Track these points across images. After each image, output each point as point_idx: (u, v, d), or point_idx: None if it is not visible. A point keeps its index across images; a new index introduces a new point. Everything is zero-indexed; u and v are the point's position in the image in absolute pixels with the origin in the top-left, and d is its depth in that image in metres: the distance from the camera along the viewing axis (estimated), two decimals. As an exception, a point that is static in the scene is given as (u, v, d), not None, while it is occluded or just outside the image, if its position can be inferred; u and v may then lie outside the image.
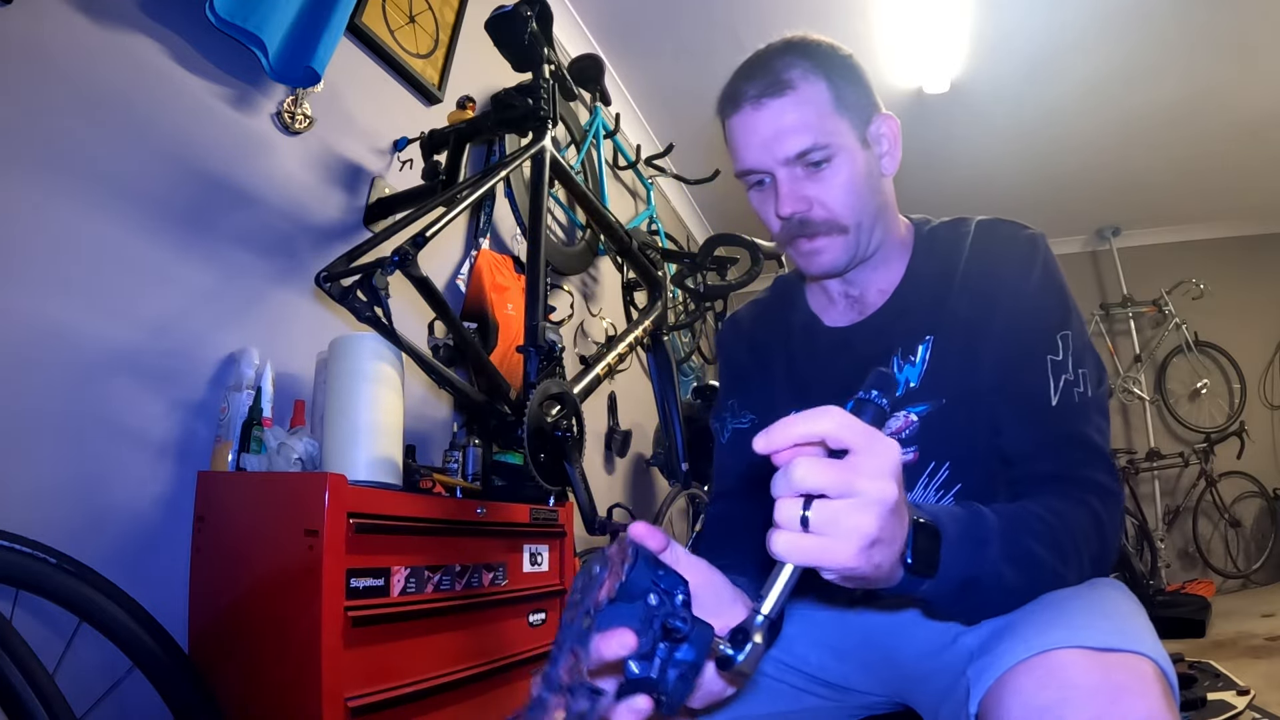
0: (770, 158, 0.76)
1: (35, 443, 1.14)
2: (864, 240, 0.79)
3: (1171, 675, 0.55)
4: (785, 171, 0.76)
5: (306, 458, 1.31)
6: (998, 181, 4.19)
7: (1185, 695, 1.98)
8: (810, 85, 0.75)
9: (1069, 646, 0.54)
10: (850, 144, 0.76)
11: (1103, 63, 3.17)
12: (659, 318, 1.99)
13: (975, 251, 0.79)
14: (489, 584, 1.46)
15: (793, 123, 0.75)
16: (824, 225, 0.77)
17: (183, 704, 1.12)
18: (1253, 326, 4.77)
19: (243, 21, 1.40)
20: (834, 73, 0.77)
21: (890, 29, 2.94)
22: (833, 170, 0.76)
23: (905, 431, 0.78)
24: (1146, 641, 0.56)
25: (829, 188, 0.76)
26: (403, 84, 1.99)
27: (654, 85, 3.34)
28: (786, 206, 0.76)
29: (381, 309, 1.23)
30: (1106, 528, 0.67)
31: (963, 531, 0.57)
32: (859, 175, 0.77)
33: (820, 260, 0.79)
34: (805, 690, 0.82)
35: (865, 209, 0.78)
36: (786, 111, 0.75)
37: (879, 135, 0.80)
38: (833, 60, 0.78)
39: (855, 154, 0.77)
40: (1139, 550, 4.27)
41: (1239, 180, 4.29)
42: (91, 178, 1.24)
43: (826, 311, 0.89)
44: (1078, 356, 0.73)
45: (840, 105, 0.76)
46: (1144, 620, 0.63)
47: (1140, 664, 0.53)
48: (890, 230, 0.82)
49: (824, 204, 0.77)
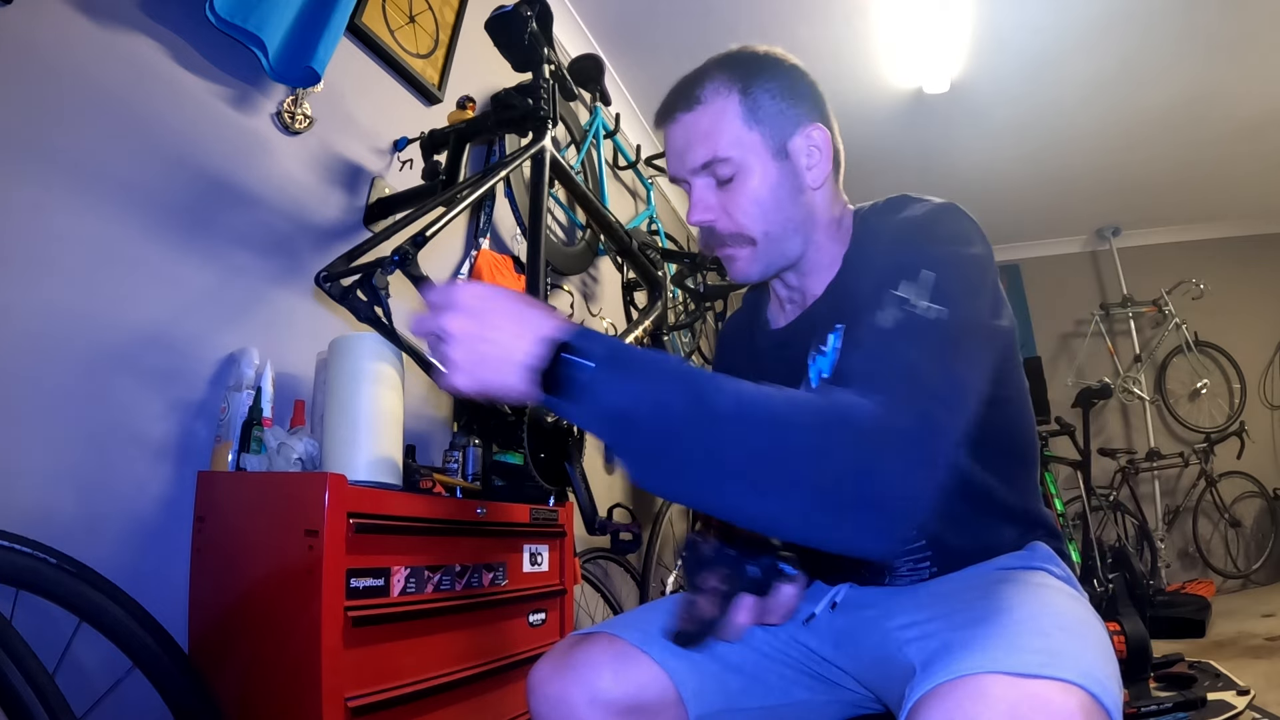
0: (682, 168, 0.80)
1: (35, 442, 1.14)
2: (775, 251, 0.81)
3: (1107, 700, 0.51)
4: (698, 181, 0.80)
5: (306, 458, 1.31)
6: (998, 181, 4.19)
7: (1185, 695, 1.98)
8: (720, 99, 0.78)
9: (989, 672, 0.52)
10: (760, 156, 0.78)
11: (1103, 63, 3.18)
12: (659, 318, 1.99)
13: (884, 231, 0.77)
14: (489, 584, 1.46)
15: (696, 136, 0.78)
16: (730, 237, 0.80)
17: (183, 704, 1.12)
18: (1253, 326, 4.77)
19: (243, 21, 1.40)
20: (753, 86, 0.78)
21: (890, 29, 2.94)
22: (739, 183, 0.78)
23: None
24: (1082, 665, 0.52)
25: (735, 199, 0.79)
26: (403, 84, 1.99)
27: (654, 85, 3.34)
28: (692, 215, 0.81)
29: (381, 309, 1.23)
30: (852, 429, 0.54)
31: (616, 360, 0.56)
32: (768, 187, 0.78)
33: (734, 268, 0.83)
34: (794, 682, 0.83)
35: (774, 221, 0.79)
36: (692, 125, 0.78)
37: (802, 148, 0.80)
38: (756, 73, 0.79)
39: (766, 167, 0.78)
40: (1139, 550, 4.27)
41: (1239, 180, 4.29)
42: (91, 178, 1.24)
43: (777, 316, 0.91)
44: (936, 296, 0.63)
45: (752, 119, 0.77)
46: (1092, 637, 0.59)
47: (1061, 693, 0.50)
48: (819, 235, 0.82)
49: (730, 215, 0.79)
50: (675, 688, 0.78)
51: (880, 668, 0.74)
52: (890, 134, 3.58)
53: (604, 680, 0.76)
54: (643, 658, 0.78)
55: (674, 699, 0.78)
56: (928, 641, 0.63)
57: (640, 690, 0.77)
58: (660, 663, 0.78)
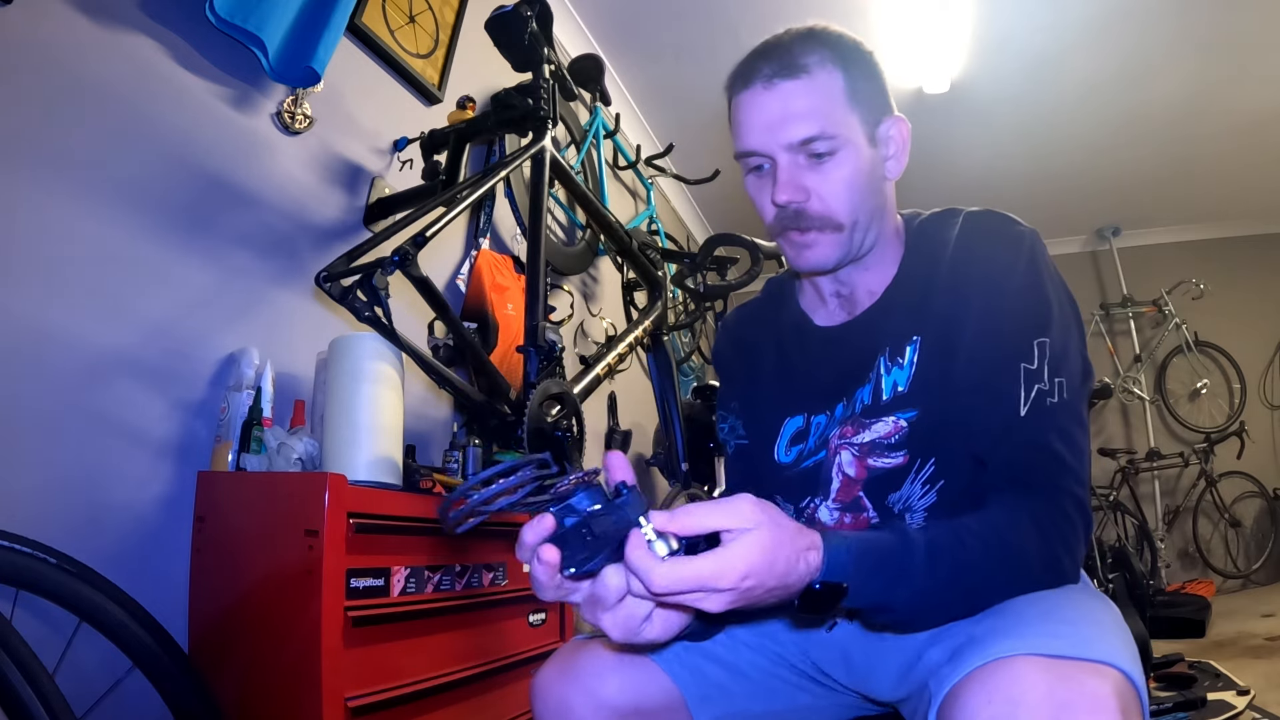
0: (774, 141, 0.74)
1: (35, 442, 1.14)
2: (857, 240, 0.77)
3: (1139, 682, 0.53)
4: (787, 157, 0.74)
5: (306, 458, 1.31)
6: (998, 181, 4.18)
7: (1185, 695, 1.98)
8: (826, 73, 0.73)
9: (1024, 654, 0.53)
10: (857, 139, 0.74)
11: (1103, 62, 3.17)
12: (659, 318, 1.99)
13: (960, 246, 0.77)
14: (489, 584, 1.46)
15: (802, 108, 0.72)
16: (818, 220, 0.75)
17: (183, 704, 1.12)
18: (1253, 326, 4.77)
19: (243, 21, 1.40)
20: (851, 65, 0.75)
21: (890, 29, 2.94)
22: (835, 163, 0.74)
23: (894, 437, 0.77)
24: (1110, 648, 0.54)
25: (829, 181, 0.74)
26: (403, 84, 1.99)
27: (654, 85, 3.34)
28: (783, 194, 0.74)
29: (381, 309, 1.23)
30: (1053, 532, 0.66)
31: (870, 574, 0.60)
32: (862, 172, 0.75)
33: (810, 255, 0.78)
34: (798, 687, 0.82)
35: (863, 208, 0.76)
36: (798, 95, 0.73)
37: (888, 136, 0.78)
38: (853, 53, 0.76)
39: (861, 150, 0.75)
40: (1139, 550, 4.27)
41: (1239, 180, 4.29)
42: (91, 178, 1.24)
43: (817, 311, 0.88)
44: (1054, 364, 0.70)
45: (853, 99, 0.74)
46: (1114, 625, 0.62)
47: (1096, 676, 0.51)
48: (884, 232, 0.81)
49: (822, 197, 0.75)
50: (680, 693, 0.77)
51: (895, 670, 0.74)
52: (890, 134, 3.58)
53: (610, 686, 0.74)
54: (649, 663, 0.77)
55: (679, 704, 0.76)
56: (951, 639, 0.63)
57: (646, 696, 0.75)
58: (666, 668, 0.77)
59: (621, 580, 0.54)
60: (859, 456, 0.79)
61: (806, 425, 0.84)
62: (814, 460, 0.83)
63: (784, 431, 0.86)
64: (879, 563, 0.60)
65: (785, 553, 0.55)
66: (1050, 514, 0.66)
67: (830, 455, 0.81)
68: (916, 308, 0.77)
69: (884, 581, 0.60)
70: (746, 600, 0.55)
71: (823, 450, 0.82)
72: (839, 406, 0.81)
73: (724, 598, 0.53)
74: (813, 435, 0.83)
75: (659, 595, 0.52)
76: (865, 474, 0.79)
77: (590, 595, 0.56)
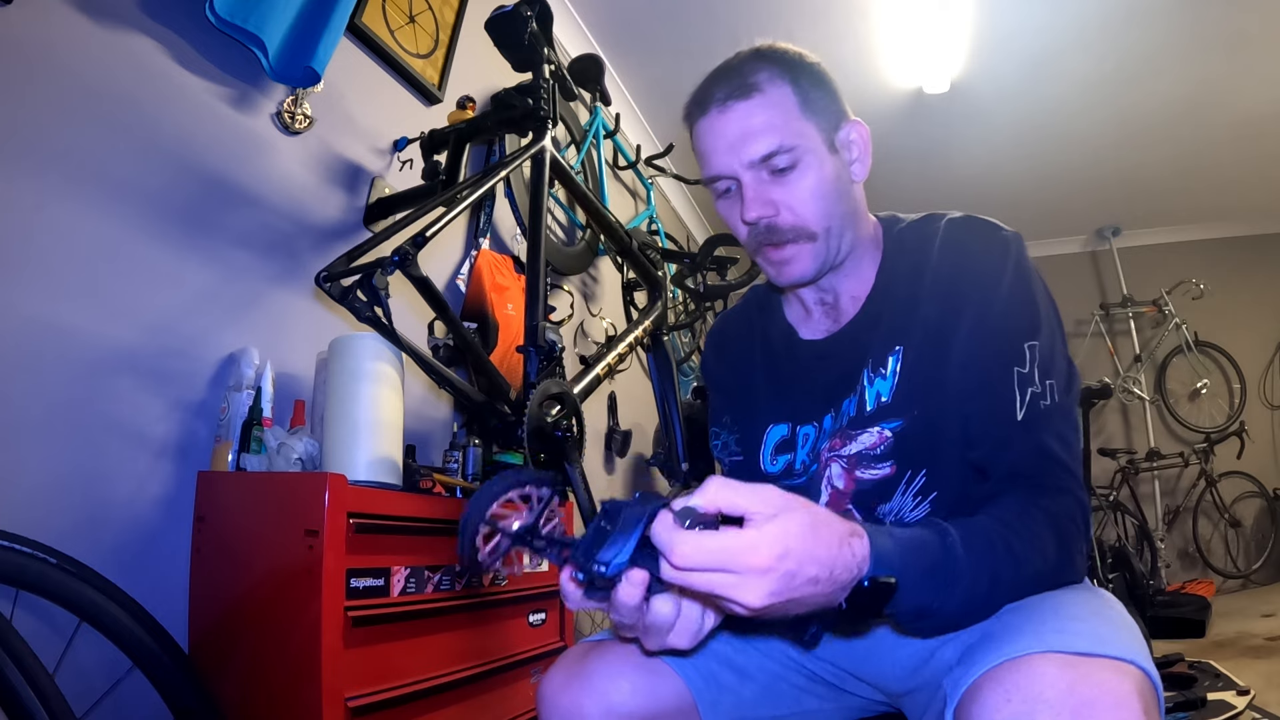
0: (736, 161, 0.75)
1: (35, 442, 1.14)
2: (833, 246, 0.78)
3: (1155, 677, 0.53)
4: (751, 175, 0.75)
5: (306, 458, 1.31)
6: (997, 181, 4.18)
7: (1185, 695, 1.98)
8: (776, 88, 0.75)
9: (1042, 652, 0.53)
10: (817, 148, 0.76)
11: (1103, 62, 3.17)
12: (659, 318, 1.99)
13: (944, 254, 0.77)
14: (489, 584, 1.46)
15: (758, 124, 0.74)
16: (791, 231, 0.76)
17: (183, 704, 1.12)
18: (1253, 326, 4.77)
19: (243, 21, 1.40)
20: (801, 77, 0.76)
21: (890, 29, 2.94)
22: (799, 174, 0.75)
23: (880, 448, 0.77)
24: (1126, 645, 0.54)
25: (795, 191, 0.75)
26: (403, 84, 1.99)
27: (654, 85, 3.34)
28: (752, 211, 0.75)
29: (381, 309, 1.23)
30: (1065, 529, 0.66)
31: (922, 575, 0.57)
32: (827, 179, 0.76)
33: (790, 270, 0.78)
34: (806, 691, 0.82)
35: (834, 214, 0.77)
36: (752, 113, 0.74)
37: (848, 141, 0.79)
38: (800, 65, 0.77)
39: (823, 158, 0.76)
40: (1139, 550, 4.27)
41: (1239, 180, 4.29)
42: (91, 178, 1.24)
43: (804, 324, 0.88)
44: (1044, 366, 0.71)
45: (806, 109, 0.75)
46: (1125, 622, 0.62)
47: (1116, 673, 0.51)
48: (860, 235, 0.81)
49: (791, 208, 0.75)
50: (693, 697, 0.76)
51: (905, 665, 0.73)
52: (890, 134, 3.58)
53: (621, 691, 0.73)
54: (662, 667, 0.75)
55: (690, 708, 0.76)
56: (964, 637, 0.63)
57: (657, 701, 0.74)
58: (680, 671, 0.76)
59: (671, 608, 0.53)
60: (847, 469, 0.79)
61: (792, 435, 0.84)
62: (806, 474, 0.83)
63: (767, 439, 0.86)
64: (931, 565, 0.57)
65: (826, 535, 0.50)
66: (1059, 514, 0.67)
67: (821, 469, 0.81)
68: (899, 317, 0.77)
69: (936, 584, 0.57)
70: (788, 591, 0.48)
71: (814, 464, 0.82)
72: (827, 419, 0.82)
73: (762, 584, 0.47)
74: (802, 447, 0.84)
75: (682, 569, 0.48)
76: (853, 486, 0.79)
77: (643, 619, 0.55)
